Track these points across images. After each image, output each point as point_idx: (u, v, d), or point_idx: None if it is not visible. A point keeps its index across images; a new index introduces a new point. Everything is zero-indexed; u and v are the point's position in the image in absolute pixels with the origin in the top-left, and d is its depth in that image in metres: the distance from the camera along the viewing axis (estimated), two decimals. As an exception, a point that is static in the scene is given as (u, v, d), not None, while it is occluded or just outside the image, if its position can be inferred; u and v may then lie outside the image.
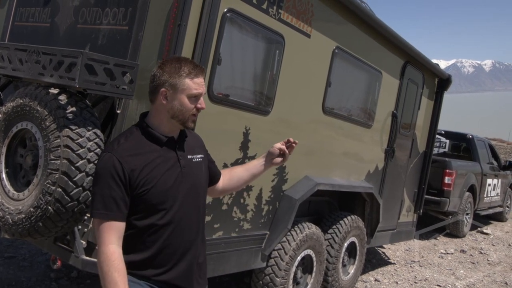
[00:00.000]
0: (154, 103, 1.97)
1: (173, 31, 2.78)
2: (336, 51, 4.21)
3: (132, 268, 1.84)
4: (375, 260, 6.76)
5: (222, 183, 2.33)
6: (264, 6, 3.35)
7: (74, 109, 2.46)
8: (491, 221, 11.23)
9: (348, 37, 4.42)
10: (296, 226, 4.05)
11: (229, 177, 2.34)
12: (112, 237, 1.80)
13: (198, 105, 1.95)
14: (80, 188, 2.42)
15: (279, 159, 2.31)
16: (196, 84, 1.93)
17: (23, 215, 2.48)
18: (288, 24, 3.61)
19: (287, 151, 2.29)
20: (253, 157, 3.46)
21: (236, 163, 3.32)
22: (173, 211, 1.92)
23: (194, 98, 1.93)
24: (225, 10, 3.04)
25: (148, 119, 1.99)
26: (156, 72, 1.95)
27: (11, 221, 2.51)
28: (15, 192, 2.62)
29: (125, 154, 1.85)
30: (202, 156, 2.13)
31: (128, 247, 1.85)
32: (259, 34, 3.43)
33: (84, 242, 2.93)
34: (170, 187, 1.91)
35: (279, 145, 2.29)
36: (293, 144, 2.29)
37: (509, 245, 8.95)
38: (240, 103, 3.37)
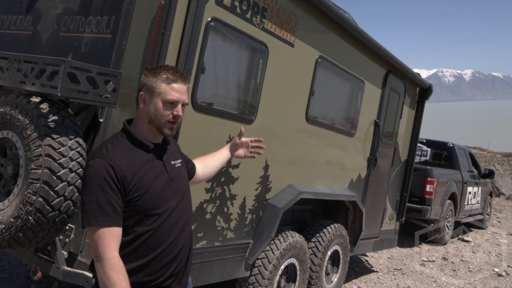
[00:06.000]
0: (137, 108, 1.97)
1: (156, 39, 2.78)
2: (319, 60, 4.25)
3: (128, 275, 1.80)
4: (358, 268, 6.77)
5: (199, 172, 2.43)
6: (248, 16, 3.37)
7: (56, 118, 2.44)
8: (472, 229, 11.39)
9: (331, 47, 4.47)
10: (279, 234, 4.04)
11: (203, 166, 2.47)
12: (115, 243, 1.76)
13: (175, 112, 1.91)
14: (62, 198, 2.39)
15: (241, 152, 2.56)
16: (173, 90, 1.90)
17: (3, 226, 2.43)
18: (272, 33, 3.63)
19: (250, 144, 2.55)
20: (237, 166, 3.47)
21: (220, 171, 3.32)
22: (164, 216, 1.91)
23: (170, 104, 1.91)
24: (209, 19, 3.04)
25: (132, 125, 1.98)
26: (141, 77, 1.97)
27: (-10, 232, 2.47)
28: (-6, 202, 2.58)
29: (115, 159, 1.81)
30: (181, 160, 2.14)
31: (121, 255, 1.80)
32: (243, 43, 3.45)
33: (65, 253, 2.89)
34: (160, 193, 1.90)
35: (245, 138, 2.53)
36: (261, 145, 2.57)
37: (489, 252, 9.06)
38: (224, 112, 3.37)
